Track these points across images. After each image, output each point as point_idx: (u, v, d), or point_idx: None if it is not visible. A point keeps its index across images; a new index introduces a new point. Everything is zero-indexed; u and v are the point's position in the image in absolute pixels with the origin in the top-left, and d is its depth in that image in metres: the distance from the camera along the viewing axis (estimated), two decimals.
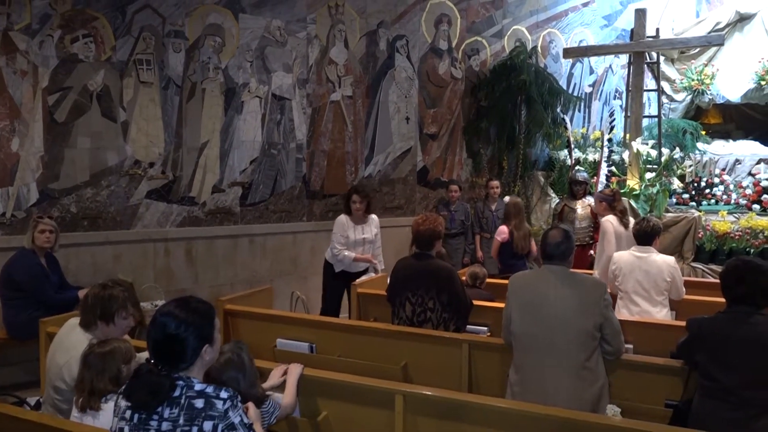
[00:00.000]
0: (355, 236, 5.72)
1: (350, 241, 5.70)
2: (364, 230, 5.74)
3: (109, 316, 2.93)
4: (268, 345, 4.05)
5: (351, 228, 5.72)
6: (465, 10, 8.38)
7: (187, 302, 2.16)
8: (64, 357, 2.86)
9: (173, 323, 2.07)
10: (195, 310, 2.13)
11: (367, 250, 5.77)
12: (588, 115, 9.83)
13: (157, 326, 2.09)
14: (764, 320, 2.75)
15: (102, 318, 2.93)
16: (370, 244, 5.78)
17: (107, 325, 2.94)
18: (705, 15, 10.20)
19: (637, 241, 4.61)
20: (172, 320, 2.08)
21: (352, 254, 5.67)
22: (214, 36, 6.37)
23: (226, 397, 2.06)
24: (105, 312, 2.93)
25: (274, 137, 6.84)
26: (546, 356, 3.03)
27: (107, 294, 2.96)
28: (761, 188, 8.25)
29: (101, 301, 2.93)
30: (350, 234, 5.71)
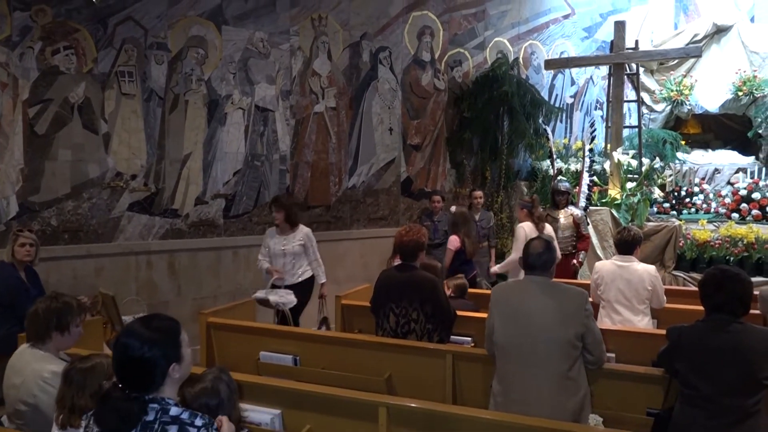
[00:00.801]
0: (274, 247, 5.56)
1: (270, 251, 5.58)
2: (286, 242, 5.54)
3: (64, 325, 2.91)
4: (252, 358, 4.03)
5: (273, 239, 5.59)
6: (447, 22, 8.46)
7: (150, 321, 2.09)
8: (19, 378, 2.80)
9: (136, 344, 1.99)
10: (158, 329, 2.05)
11: (289, 263, 5.55)
12: (570, 126, 9.93)
13: (120, 349, 2.01)
14: (742, 328, 2.79)
15: (57, 328, 2.90)
16: (292, 257, 5.56)
17: (62, 334, 2.92)
18: (683, 27, 10.37)
19: (618, 250, 4.65)
20: (135, 341, 2.00)
21: (266, 265, 5.55)
22: (197, 48, 6.36)
23: (201, 425, 1.99)
24: (61, 321, 2.91)
25: (258, 149, 6.83)
26: (528, 366, 3.04)
27: (61, 303, 2.94)
28: (740, 197, 8.37)
29: (56, 312, 2.91)
30: (270, 244, 5.59)
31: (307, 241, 5.63)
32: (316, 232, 7.18)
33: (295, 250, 5.57)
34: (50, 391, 2.69)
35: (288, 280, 5.55)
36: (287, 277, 5.56)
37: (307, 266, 5.68)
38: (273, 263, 5.57)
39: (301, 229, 5.63)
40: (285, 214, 5.51)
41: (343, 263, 7.53)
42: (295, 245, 5.55)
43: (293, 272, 5.61)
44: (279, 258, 5.56)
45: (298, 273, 5.63)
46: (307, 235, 5.65)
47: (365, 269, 7.38)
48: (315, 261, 5.70)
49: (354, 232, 7.61)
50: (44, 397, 2.72)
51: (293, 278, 5.60)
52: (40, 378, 2.75)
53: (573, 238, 6.86)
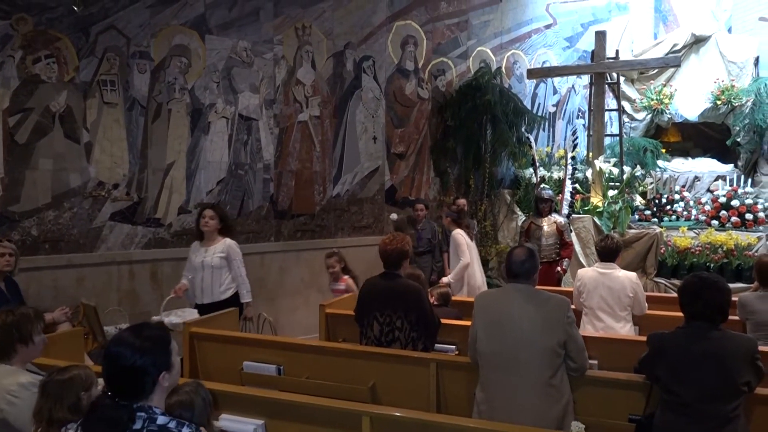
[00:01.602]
0: (195, 260, 5.08)
1: (191, 265, 5.11)
2: (206, 254, 5.05)
3: (27, 336, 2.88)
4: (235, 368, 4.00)
5: (195, 251, 5.13)
6: (431, 32, 8.52)
7: (140, 330, 2.09)
8: None
9: (127, 353, 2.00)
10: (149, 338, 2.06)
11: (207, 277, 5.03)
12: (552, 134, 10.03)
13: (110, 358, 2.02)
14: (721, 335, 2.82)
15: (20, 340, 2.87)
16: (211, 271, 5.02)
17: (27, 345, 2.89)
18: (662, 37, 10.55)
19: (600, 257, 4.70)
20: (126, 350, 2.01)
21: (183, 281, 5.09)
22: (180, 57, 6.35)
23: None
24: (22, 333, 2.87)
25: (241, 157, 6.81)
26: (511, 374, 3.05)
27: (17, 315, 2.92)
28: (719, 204, 8.48)
29: (14, 325, 2.88)
30: (192, 257, 5.12)
31: (230, 254, 5.08)
32: (300, 240, 7.23)
33: (214, 263, 5.02)
34: (17, 403, 2.66)
35: (206, 298, 5.04)
36: (205, 294, 5.04)
37: (232, 283, 5.14)
38: (195, 279, 5.07)
39: (224, 241, 5.10)
40: (218, 221, 5.07)
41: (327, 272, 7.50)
42: (214, 258, 5.03)
43: (211, 289, 5.06)
44: (198, 272, 5.05)
45: (219, 290, 5.08)
46: (231, 248, 5.11)
47: None
48: (239, 277, 5.14)
49: (338, 240, 7.60)
50: (11, 409, 2.67)
51: (213, 296, 5.05)
52: (6, 391, 2.71)
53: (556, 245, 6.91)
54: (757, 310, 4.03)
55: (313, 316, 5.24)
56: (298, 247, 7.24)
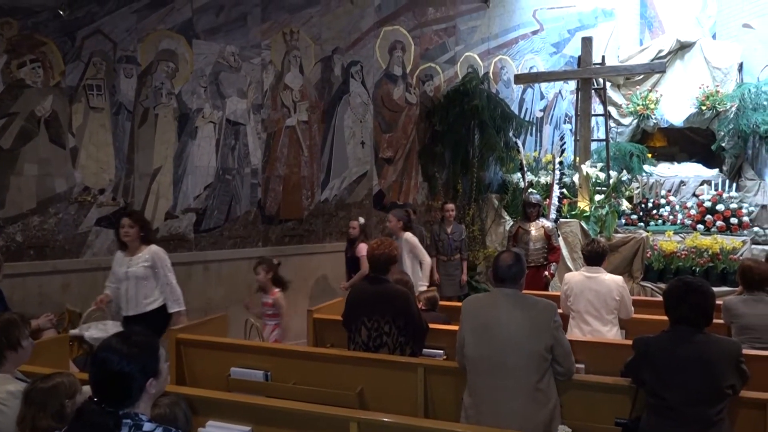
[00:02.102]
0: (118, 270, 4.82)
1: (115, 276, 4.84)
2: (131, 263, 4.78)
3: (15, 342, 2.87)
4: (222, 374, 3.98)
5: (118, 261, 4.86)
6: (418, 37, 8.55)
7: (129, 336, 2.08)
8: None
9: (115, 359, 1.99)
10: (137, 344, 2.05)
11: (132, 288, 4.76)
12: (539, 139, 10.09)
13: (98, 363, 2.01)
14: (705, 339, 2.85)
15: (9, 347, 2.86)
16: (135, 281, 4.76)
17: (16, 351, 2.87)
18: (648, 43, 10.66)
19: (587, 262, 4.73)
20: (114, 356, 1.99)
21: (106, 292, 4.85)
22: (167, 61, 6.33)
23: None
24: (10, 339, 2.87)
25: (229, 162, 6.80)
26: (499, 379, 3.06)
27: (3, 321, 2.90)
28: (705, 209, 8.57)
29: (2, 332, 2.86)
30: (116, 267, 4.85)
31: (155, 262, 4.80)
32: (288, 245, 7.22)
33: (138, 272, 4.74)
34: (6, 411, 2.64)
35: (131, 309, 4.76)
36: (130, 305, 4.76)
37: (159, 293, 4.86)
38: (119, 290, 4.82)
39: (149, 249, 4.82)
40: (138, 229, 4.78)
41: (315, 277, 7.51)
42: (138, 267, 4.75)
43: (137, 300, 4.78)
44: (122, 283, 4.79)
45: (144, 302, 4.79)
46: (157, 255, 4.82)
47: (338, 283, 7.35)
48: (167, 286, 4.85)
49: (327, 245, 7.59)
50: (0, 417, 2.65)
51: (138, 307, 4.78)
52: None
53: (544, 249, 6.94)
54: (741, 314, 4.06)
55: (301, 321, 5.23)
56: (286, 253, 7.22)
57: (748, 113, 9.14)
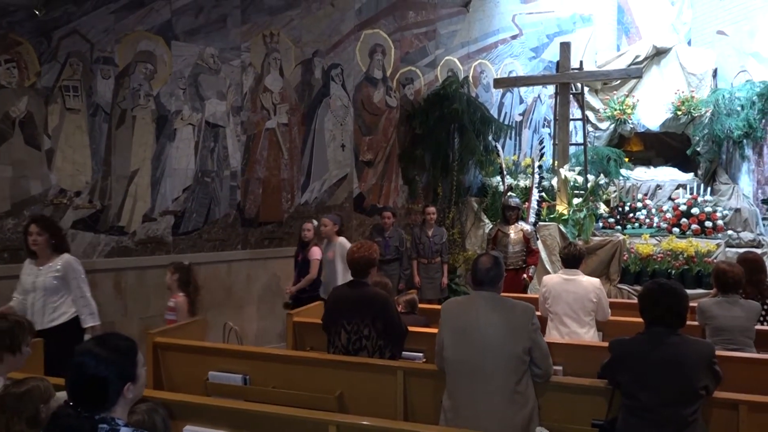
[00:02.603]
0: (25, 280, 4.46)
1: (22, 286, 4.48)
2: (39, 273, 4.42)
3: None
4: (200, 378, 3.95)
5: (27, 270, 4.50)
6: (399, 41, 8.57)
7: (107, 340, 2.07)
8: None
9: (92, 362, 1.97)
10: (115, 348, 2.03)
11: (39, 299, 4.38)
12: (519, 143, 10.17)
13: (75, 367, 1.99)
14: (680, 340, 2.90)
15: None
16: (43, 292, 4.38)
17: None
18: (625, 49, 10.82)
19: (565, 264, 4.77)
20: (91, 359, 1.98)
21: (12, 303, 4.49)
22: (146, 63, 6.27)
23: None
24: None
25: (208, 165, 6.75)
26: (477, 381, 3.07)
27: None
28: (680, 212, 8.70)
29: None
30: (23, 277, 4.48)
31: (67, 273, 4.44)
32: (268, 248, 7.18)
33: (47, 283, 4.37)
34: None
35: (38, 323, 4.17)
36: (36, 319, 4.24)
37: (70, 306, 4.48)
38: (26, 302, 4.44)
39: (61, 258, 4.47)
40: (48, 236, 4.43)
41: None
42: (48, 278, 4.39)
43: (43, 313, 4.37)
44: (29, 294, 4.41)
45: (51, 315, 4.40)
46: (69, 265, 4.46)
47: None
48: (81, 299, 4.49)
49: None
50: None
51: (44, 321, 4.33)
52: None
53: (523, 252, 6.99)
54: (715, 316, 4.13)
55: (280, 324, 5.22)
56: (266, 255, 7.19)
57: (722, 118, 9.31)
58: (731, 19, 9.96)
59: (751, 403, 3.00)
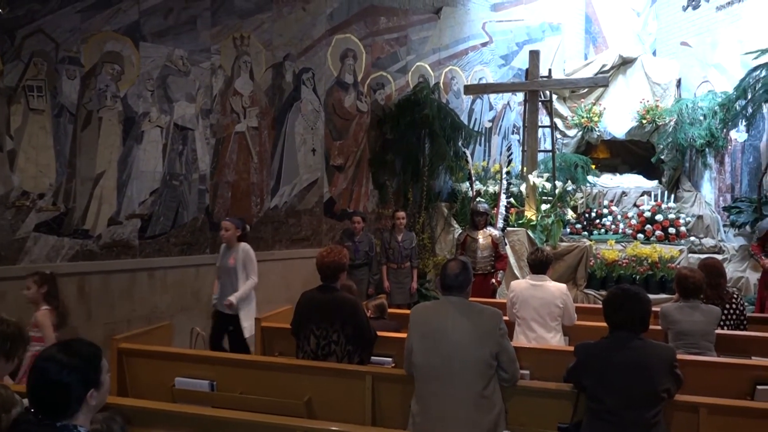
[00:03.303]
0: None
1: None
2: None
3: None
4: (167, 384, 3.89)
5: None
6: (370, 46, 8.60)
7: (70, 345, 2.04)
8: None
9: (55, 368, 1.94)
10: (78, 354, 2.00)
11: None
12: (488, 149, 10.27)
13: (37, 372, 1.95)
14: (643, 344, 2.96)
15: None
16: None
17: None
18: (592, 58, 11.02)
19: (532, 270, 4.82)
20: (54, 365, 1.95)
21: None
22: (113, 64, 6.18)
23: None
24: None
25: (176, 168, 6.67)
26: (445, 386, 3.09)
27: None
28: (645, 219, 8.87)
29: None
30: None
31: None
32: None
33: None
34: None
35: None
36: None
37: None
38: None
39: None
40: None
41: (264, 284, 7.38)
42: None
43: None
44: None
45: None
46: None
47: (287, 290, 7.29)
48: None
49: (276, 252, 7.53)
50: None
51: None
52: None
53: (491, 257, 7.04)
54: (677, 320, 4.22)
55: None
56: None
57: (685, 127, 9.53)
58: (695, 30, 10.22)
59: (711, 406, 3.08)
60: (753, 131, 8.82)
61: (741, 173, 9.10)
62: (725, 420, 3.06)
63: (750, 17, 9.09)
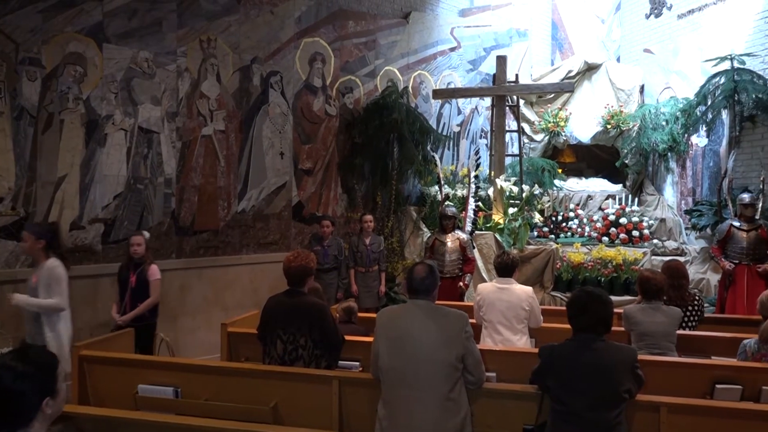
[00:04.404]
0: None
1: None
2: None
3: None
4: (129, 392, 3.82)
5: None
6: (339, 50, 8.59)
7: (26, 353, 2.00)
8: None
9: (9, 376, 1.90)
10: (33, 362, 1.96)
11: None
12: (457, 153, 10.34)
13: None
14: (605, 346, 3.00)
15: None
16: None
17: None
18: (559, 63, 11.19)
19: (498, 273, 4.87)
20: (8, 373, 1.90)
21: None
22: (75, 65, 6.05)
23: None
24: None
25: (141, 171, 6.56)
26: (412, 389, 3.09)
27: None
28: (609, 222, 9.04)
29: None
30: None
31: None
32: (203, 257, 7.03)
33: None
34: None
35: None
36: None
37: None
38: None
39: None
40: None
41: (232, 289, 7.35)
42: None
43: None
44: None
45: None
46: None
47: (255, 295, 7.24)
48: None
49: (243, 257, 7.46)
50: None
51: None
52: None
53: (459, 261, 7.09)
54: (639, 321, 4.30)
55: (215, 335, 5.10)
56: (201, 265, 7.05)
57: (648, 132, 9.74)
58: (657, 38, 10.46)
59: (671, 405, 3.15)
60: (713, 136, 9.06)
61: (702, 177, 9.33)
62: (685, 419, 3.13)
63: (709, 26, 9.35)
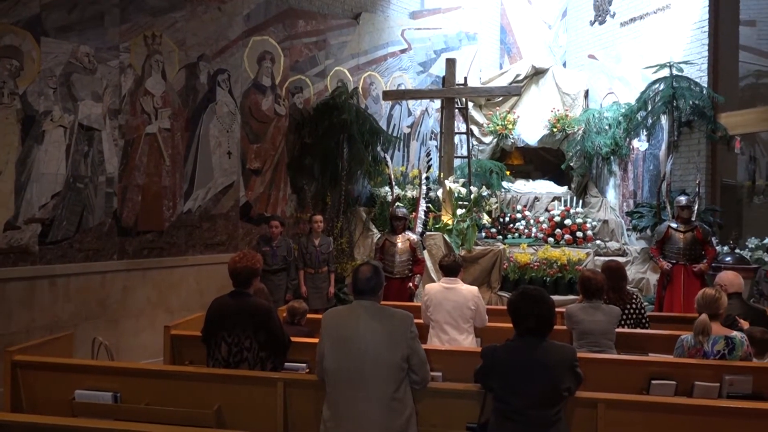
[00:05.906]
0: None
1: None
2: None
3: None
4: (66, 398, 3.69)
5: None
6: (288, 49, 8.52)
7: None
8: None
9: None
10: None
11: None
12: (407, 155, 10.39)
13: None
14: (547, 345, 3.06)
15: None
16: None
17: None
18: (507, 67, 11.39)
19: (445, 273, 4.92)
20: None
21: None
22: (11, 59, 5.82)
23: None
24: None
25: (81, 170, 6.35)
26: (357, 390, 3.09)
27: None
28: (555, 223, 9.24)
29: None
30: None
31: None
32: (147, 258, 6.87)
33: None
34: None
35: None
36: None
37: None
38: None
39: None
40: None
41: (177, 291, 7.20)
42: None
43: None
44: None
45: None
46: None
47: (201, 297, 7.11)
48: None
49: (189, 258, 7.31)
50: None
51: None
52: None
53: (409, 262, 7.13)
54: (580, 320, 4.41)
55: (159, 338, 4.99)
56: (144, 266, 6.87)
57: (592, 136, 10.02)
58: (601, 44, 10.77)
59: (608, 401, 3.24)
60: (653, 141, 9.38)
61: (642, 180, 9.65)
62: (622, 414, 3.23)
63: (650, 34, 9.67)
